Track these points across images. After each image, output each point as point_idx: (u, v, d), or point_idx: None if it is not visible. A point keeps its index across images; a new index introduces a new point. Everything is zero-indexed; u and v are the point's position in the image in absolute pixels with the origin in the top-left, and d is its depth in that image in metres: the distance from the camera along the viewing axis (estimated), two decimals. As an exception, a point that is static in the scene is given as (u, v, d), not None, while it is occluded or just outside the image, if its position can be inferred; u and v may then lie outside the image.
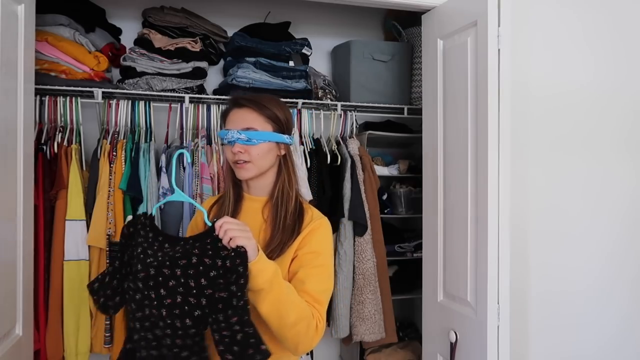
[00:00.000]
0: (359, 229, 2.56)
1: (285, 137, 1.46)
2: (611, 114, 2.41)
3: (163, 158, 2.32)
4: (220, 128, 1.53)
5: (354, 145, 2.65)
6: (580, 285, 2.36)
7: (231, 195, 1.49)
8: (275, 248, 1.40)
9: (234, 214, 1.47)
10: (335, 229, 2.54)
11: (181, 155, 2.33)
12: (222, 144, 1.47)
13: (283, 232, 1.41)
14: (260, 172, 1.44)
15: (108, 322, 2.21)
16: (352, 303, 2.56)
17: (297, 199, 1.47)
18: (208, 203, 1.59)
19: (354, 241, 2.57)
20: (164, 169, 2.29)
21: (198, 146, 2.39)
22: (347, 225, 2.55)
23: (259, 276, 1.22)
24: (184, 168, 2.32)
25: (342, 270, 2.53)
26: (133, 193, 2.22)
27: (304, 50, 2.72)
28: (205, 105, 2.52)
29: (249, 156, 1.41)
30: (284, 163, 1.48)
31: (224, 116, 1.48)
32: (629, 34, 2.44)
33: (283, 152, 1.47)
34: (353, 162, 2.59)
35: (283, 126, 1.46)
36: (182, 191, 2.26)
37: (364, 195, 2.58)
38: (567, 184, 2.35)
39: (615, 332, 2.42)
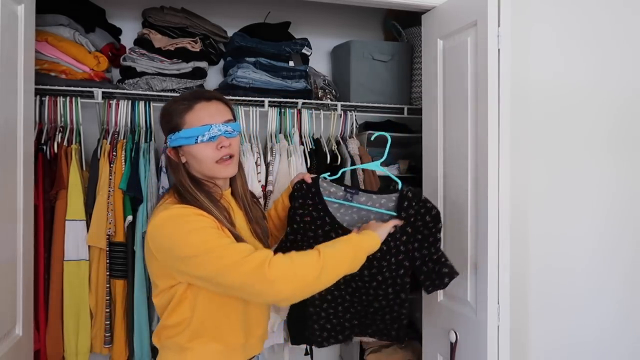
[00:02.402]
0: None
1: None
2: (612, 112, 2.41)
3: (163, 158, 2.32)
4: (176, 129, 1.36)
5: (353, 145, 2.65)
6: (582, 283, 2.37)
7: (208, 199, 1.37)
8: (267, 237, 1.59)
9: (226, 207, 1.41)
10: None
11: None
12: (185, 146, 1.34)
13: (260, 214, 1.59)
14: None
15: (108, 322, 2.21)
16: (352, 303, 2.55)
17: None
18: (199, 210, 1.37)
19: (354, 241, 2.56)
20: (164, 169, 2.29)
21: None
22: (346, 226, 2.54)
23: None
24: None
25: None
26: (133, 193, 2.22)
27: (303, 50, 2.72)
28: (205, 105, 2.51)
29: (233, 149, 1.38)
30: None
31: (181, 114, 1.36)
32: (628, 34, 2.44)
33: None
34: (353, 162, 2.59)
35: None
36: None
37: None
38: (568, 183, 2.35)
39: (614, 328, 2.42)
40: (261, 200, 2.39)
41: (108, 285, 2.21)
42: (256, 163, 2.43)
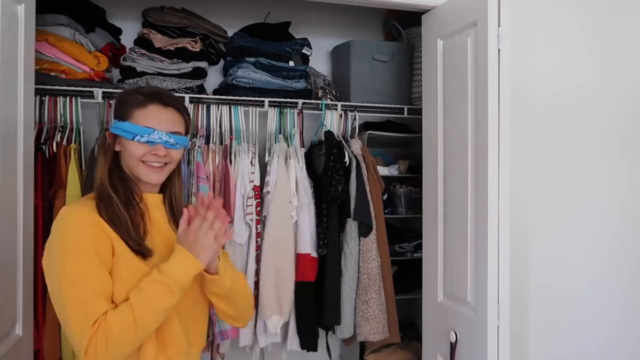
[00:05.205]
0: (364, 230, 2.55)
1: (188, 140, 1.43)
2: (610, 113, 2.41)
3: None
4: (123, 118, 1.33)
5: (356, 146, 2.65)
6: (581, 283, 2.37)
7: (118, 195, 1.31)
8: None
9: (144, 212, 1.35)
10: (341, 228, 2.54)
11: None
12: (122, 137, 1.31)
13: None
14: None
15: (108, 322, 2.20)
16: (356, 303, 2.56)
17: None
18: (90, 210, 1.27)
19: (359, 241, 2.56)
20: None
21: (195, 145, 2.39)
22: (352, 226, 2.54)
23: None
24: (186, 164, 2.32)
25: (348, 270, 2.52)
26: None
27: (304, 50, 2.72)
28: (205, 105, 2.52)
29: (170, 159, 1.34)
30: (179, 163, 1.43)
31: (133, 107, 1.32)
32: (627, 34, 2.44)
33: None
34: (357, 162, 2.59)
35: (188, 128, 1.43)
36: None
37: (369, 196, 2.58)
38: (567, 183, 2.35)
39: (614, 329, 2.42)
40: (250, 201, 2.39)
41: (108, 285, 2.20)
42: (251, 163, 2.44)
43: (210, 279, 1.30)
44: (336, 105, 2.72)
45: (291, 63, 2.68)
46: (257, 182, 2.43)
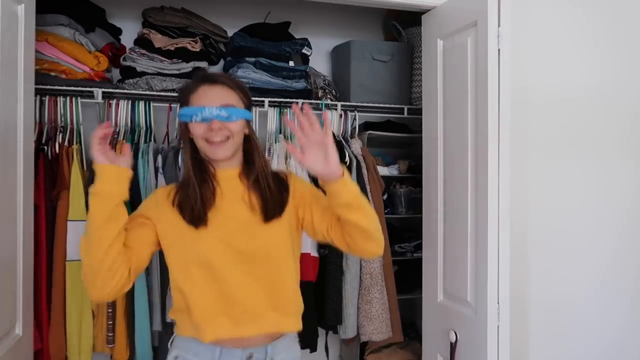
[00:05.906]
0: None
1: (251, 114, 1.52)
2: (612, 114, 2.41)
3: (159, 158, 2.31)
4: (182, 105, 1.45)
5: (356, 146, 2.65)
6: (581, 284, 2.37)
7: (196, 176, 1.44)
8: (275, 208, 1.46)
9: (214, 188, 1.45)
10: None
11: (177, 155, 2.33)
12: (187, 122, 1.42)
13: (273, 194, 1.46)
14: (236, 150, 1.45)
15: (110, 322, 2.21)
16: (359, 303, 2.56)
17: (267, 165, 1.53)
18: (164, 193, 1.49)
19: (361, 241, 2.56)
20: (160, 170, 2.28)
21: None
22: (354, 225, 2.54)
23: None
24: (179, 168, 2.31)
25: (350, 270, 2.52)
26: (131, 196, 2.21)
27: (304, 50, 2.72)
28: (205, 105, 2.52)
29: (230, 132, 1.41)
30: (252, 139, 1.50)
31: (187, 94, 1.43)
32: (629, 34, 2.44)
33: (247, 130, 1.48)
34: (358, 162, 2.59)
35: (250, 103, 1.50)
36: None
37: (369, 195, 2.58)
38: (567, 184, 2.35)
39: (616, 331, 2.42)
40: None
41: (109, 286, 2.20)
42: None
43: (334, 185, 1.33)
44: (336, 105, 2.72)
45: (291, 63, 2.68)
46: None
